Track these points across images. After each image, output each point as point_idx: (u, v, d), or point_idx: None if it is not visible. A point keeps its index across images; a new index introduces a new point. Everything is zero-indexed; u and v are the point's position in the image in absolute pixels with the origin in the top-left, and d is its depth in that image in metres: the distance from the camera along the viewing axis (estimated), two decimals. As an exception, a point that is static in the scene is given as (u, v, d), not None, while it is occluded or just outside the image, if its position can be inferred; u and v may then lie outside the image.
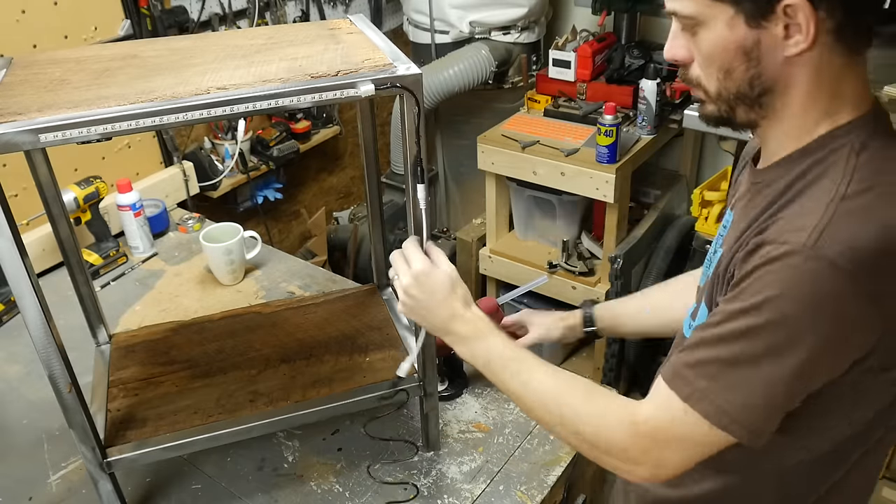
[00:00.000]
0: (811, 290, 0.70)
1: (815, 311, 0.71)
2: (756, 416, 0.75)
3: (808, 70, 0.74)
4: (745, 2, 0.72)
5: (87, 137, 0.83)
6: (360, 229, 2.87)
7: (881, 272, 0.70)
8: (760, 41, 0.74)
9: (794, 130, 0.78)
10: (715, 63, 0.77)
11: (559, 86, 2.40)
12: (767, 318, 0.72)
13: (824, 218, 0.70)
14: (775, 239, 0.73)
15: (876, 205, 0.71)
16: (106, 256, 1.76)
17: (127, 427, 1.11)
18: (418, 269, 0.94)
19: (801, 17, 0.71)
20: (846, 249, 0.69)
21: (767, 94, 0.77)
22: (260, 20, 2.50)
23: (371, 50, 0.99)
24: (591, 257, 2.37)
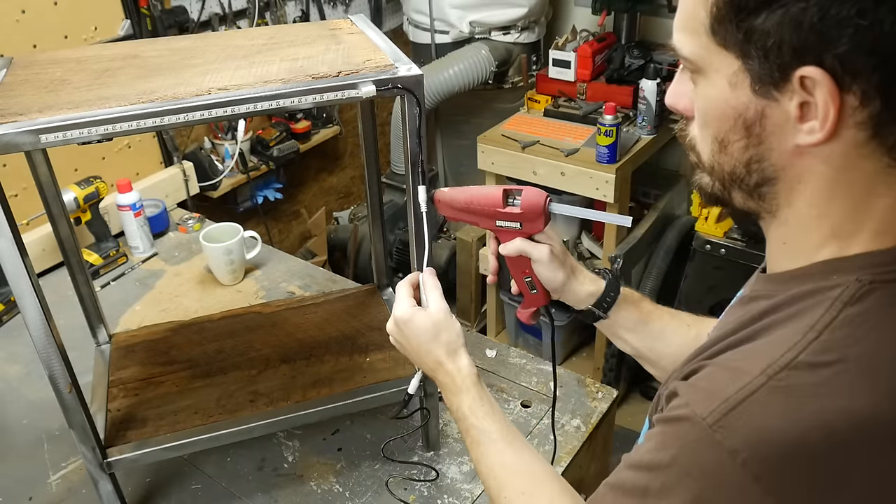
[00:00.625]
0: (700, 475, 0.56)
1: (708, 492, 0.56)
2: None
3: (824, 169, 0.56)
4: (752, 56, 0.55)
5: (88, 138, 0.83)
6: (360, 229, 2.87)
7: (795, 474, 0.53)
8: (766, 115, 0.57)
9: (793, 243, 0.62)
10: (710, 128, 0.62)
11: (559, 86, 2.40)
12: (661, 484, 0.59)
13: (744, 390, 0.54)
14: (685, 394, 0.59)
15: (813, 390, 0.53)
16: (106, 256, 1.76)
17: (127, 427, 1.11)
18: (399, 315, 0.91)
19: (820, 96, 0.53)
20: (753, 443, 0.53)
21: (768, 184, 0.60)
22: (260, 20, 2.50)
23: (372, 50, 0.99)
24: (591, 257, 2.37)
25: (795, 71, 0.53)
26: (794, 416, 0.53)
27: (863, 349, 0.54)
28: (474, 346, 1.46)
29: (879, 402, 0.53)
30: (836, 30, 0.50)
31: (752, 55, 0.55)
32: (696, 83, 0.62)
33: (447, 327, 0.89)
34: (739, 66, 0.57)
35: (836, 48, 0.51)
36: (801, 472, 0.53)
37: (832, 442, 0.52)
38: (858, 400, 0.53)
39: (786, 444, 0.53)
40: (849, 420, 0.52)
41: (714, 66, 0.59)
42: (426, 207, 0.97)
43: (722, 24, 0.56)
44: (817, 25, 0.51)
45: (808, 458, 0.53)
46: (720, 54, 0.58)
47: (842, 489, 0.53)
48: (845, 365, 0.54)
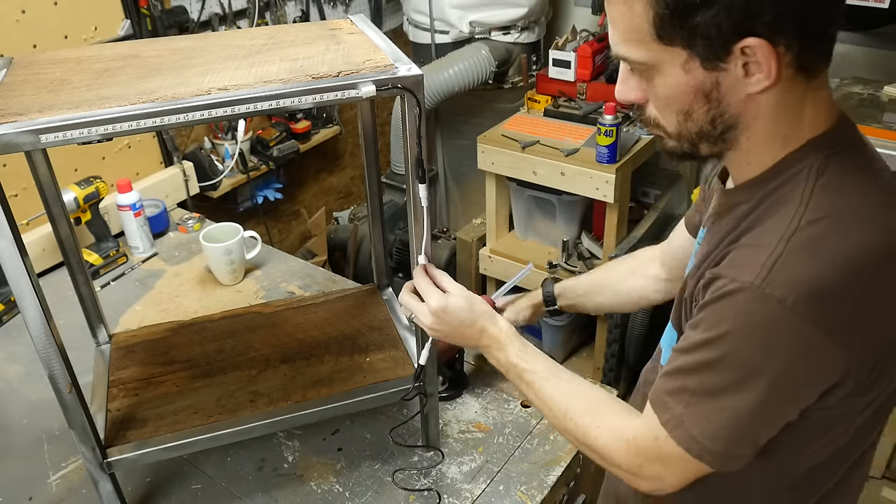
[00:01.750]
0: (761, 330, 0.70)
1: (767, 349, 0.71)
2: (727, 445, 0.75)
3: (770, 103, 0.72)
4: (698, 45, 0.69)
5: (88, 138, 0.83)
6: (360, 229, 2.87)
7: (832, 307, 0.68)
8: (719, 82, 0.71)
9: (757, 157, 0.77)
10: (673, 106, 0.75)
11: (559, 86, 2.40)
12: (722, 353, 0.73)
13: (773, 255, 0.69)
14: (727, 274, 0.73)
15: (827, 237, 0.70)
16: (106, 256, 1.76)
17: (127, 427, 1.11)
18: (435, 307, 0.99)
19: (761, 56, 0.68)
20: (793, 289, 0.68)
21: (730, 130, 0.75)
22: (260, 20, 2.50)
23: (372, 50, 0.99)
24: (591, 257, 2.37)
25: (736, 45, 0.68)
26: (818, 259, 0.68)
27: (845, 201, 0.72)
28: (474, 346, 1.46)
29: (876, 230, 0.70)
30: (759, 5, 0.66)
31: (698, 44, 0.69)
32: (649, 78, 0.75)
33: (476, 300, 1.01)
34: (687, 54, 0.70)
35: (763, 19, 0.66)
36: (836, 300, 0.68)
37: (854, 267, 0.68)
38: (860, 233, 0.70)
39: (819, 281, 0.68)
40: (859, 249, 0.69)
41: (665, 61, 0.72)
42: (425, 202, 0.98)
43: (666, 29, 0.69)
44: (744, 7, 0.66)
45: (837, 288, 0.68)
46: (669, 52, 0.71)
47: (871, 313, 0.70)
48: (838, 213, 0.70)
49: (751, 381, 0.72)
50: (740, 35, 0.67)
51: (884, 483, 2.05)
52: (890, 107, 1.88)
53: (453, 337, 1.01)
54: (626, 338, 2.34)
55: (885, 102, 1.91)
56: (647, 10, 0.69)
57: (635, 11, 0.70)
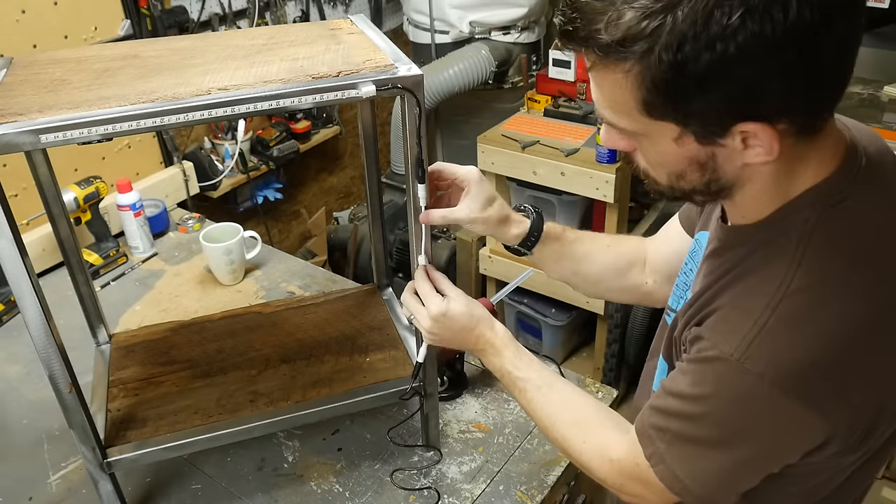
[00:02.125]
0: (740, 401, 0.70)
1: (746, 419, 0.71)
2: (709, 489, 0.76)
3: (769, 168, 0.69)
4: (692, 124, 0.64)
5: (88, 138, 0.83)
6: (360, 229, 2.87)
7: (812, 381, 0.67)
8: (715, 155, 0.67)
9: (752, 210, 0.74)
10: (665, 168, 0.71)
11: (559, 86, 2.40)
12: (703, 412, 0.73)
13: (756, 326, 0.67)
14: (710, 338, 0.72)
15: (812, 309, 0.67)
16: (106, 256, 1.76)
17: (127, 427, 1.11)
18: (436, 312, 0.98)
19: (762, 137, 0.63)
20: (772, 365, 0.67)
21: (725, 189, 0.71)
22: (260, 20, 2.50)
23: (372, 50, 0.99)
24: (591, 257, 2.37)
25: (735, 127, 0.63)
26: (801, 334, 0.66)
27: (837, 265, 0.68)
28: (474, 346, 1.46)
29: (868, 301, 0.67)
30: (759, 92, 0.60)
31: (691, 123, 0.64)
32: (637, 141, 0.71)
33: (475, 304, 1.00)
34: (680, 130, 0.65)
35: (765, 106, 0.61)
36: (817, 377, 0.66)
37: (841, 345, 0.66)
38: (850, 304, 0.66)
39: (800, 358, 0.66)
40: (847, 323, 0.66)
41: (656, 132, 0.67)
42: (425, 202, 0.98)
43: (656, 109, 0.64)
44: (742, 95, 0.60)
45: (819, 363, 0.66)
46: (659, 125, 0.66)
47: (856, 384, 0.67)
48: (829, 280, 0.67)
49: (731, 442, 0.73)
50: (739, 119, 0.62)
51: (884, 483, 2.05)
52: (890, 107, 1.88)
53: (452, 342, 1.01)
54: (626, 338, 2.34)
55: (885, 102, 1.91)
56: (634, 90, 0.63)
57: (622, 89, 0.64)
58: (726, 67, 0.58)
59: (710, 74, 0.59)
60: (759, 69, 0.59)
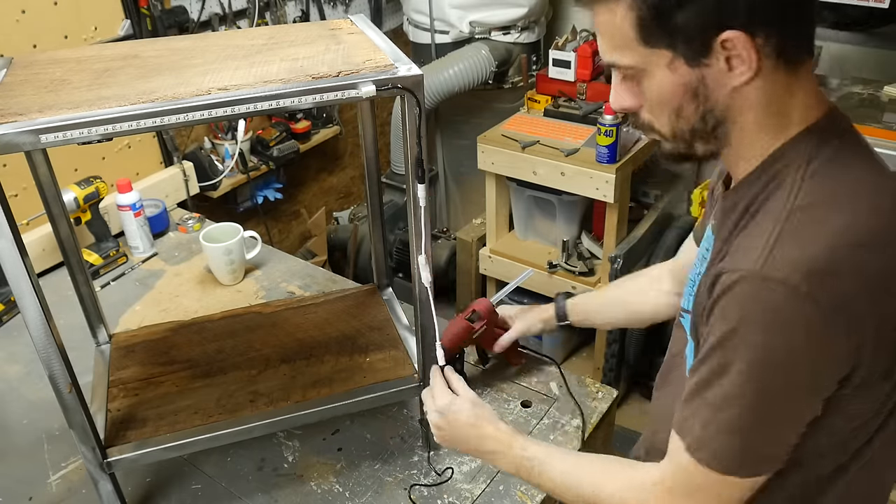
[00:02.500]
0: (770, 313, 0.70)
1: (778, 332, 0.70)
2: (754, 448, 0.75)
3: (756, 94, 0.74)
4: (680, 44, 0.72)
5: (88, 138, 0.83)
6: (360, 229, 2.87)
7: (835, 283, 0.69)
8: (705, 78, 0.73)
9: (750, 152, 0.78)
10: (665, 107, 0.77)
11: (559, 86, 2.40)
12: (735, 350, 0.72)
13: (771, 238, 0.71)
14: (730, 267, 0.73)
15: (822, 217, 0.71)
16: (106, 256, 1.76)
17: (127, 427, 1.11)
18: (441, 405, 1.03)
19: (741, 48, 0.70)
20: (795, 268, 0.69)
21: (721, 125, 0.76)
22: (260, 20, 2.50)
23: (372, 50, 0.99)
24: (591, 257, 2.37)
25: (716, 40, 0.70)
26: (815, 239, 0.70)
27: (839, 177, 0.74)
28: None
29: (869, 206, 0.72)
30: (733, 1, 0.69)
31: (680, 43, 0.72)
32: (639, 81, 0.77)
33: (480, 403, 1.04)
34: (671, 54, 0.73)
35: (739, 13, 0.69)
36: (838, 277, 0.69)
37: (853, 244, 0.70)
38: (850, 207, 0.71)
39: (819, 260, 0.69)
40: (853, 224, 0.70)
41: (653, 63, 0.75)
42: (425, 202, 0.98)
43: (649, 31, 0.72)
44: (719, 3, 0.69)
45: (837, 264, 0.69)
46: (654, 54, 0.74)
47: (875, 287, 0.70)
48: (828, 193, 0.72)
49: (767, 371, 0.71)
50: (718, 30, 0.70)
51: None
52: (890, 107, 1.88)
53: (457, 439, 1.03)
54: (626, 338, 2.34)
55: (885, 102, 1.90)
56: (628, 15, 0.72)
57: (618, 17, 0.73)
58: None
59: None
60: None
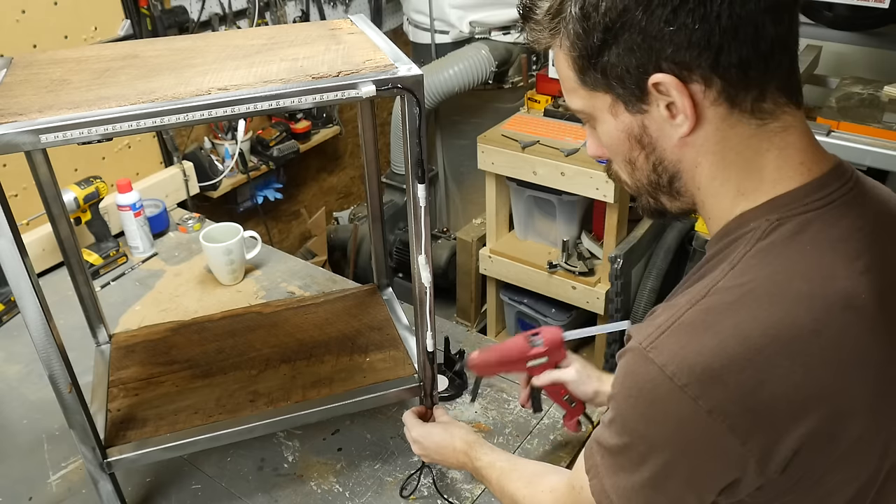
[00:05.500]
0: (641, 397, 0.65)
1: (648, 421, 0.66)
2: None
3: (707, 145, 0.67)
4: (615, 86, 0.67)
5: (88, 138, 0.83)
6: (360, 229, 2.87)
7: (715, 384, 0.61)
8: (646, 125, 0.69)
9: (714, 213, 0.71)
10: (618, 155, 0.74)
11: (559, 86, 2.39)
12: (614, 416, 0.69)
13: (673, 317, 0.65)
14: (634, 333, 0.68)
15: (736, 306, 0.63)
16: (106, 256, 1.76)
17: (127, 427, 1.11)
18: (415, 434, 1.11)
19: (675, 94, 0.64)
20: (675, 358, 0.62)
21: (676, 179, 0.71)
22: (260, 20, 2.50)
23: (372, 50, 0.99)
24: (591, 257, 2.37)
25: (647, 82, 0.65)
26: (713, 331, 0.62)
27: (772, 269, 0.64)
28: (474, 346, 1.46)
29: (789, 308, 0.62)
30: (658, 42, 0.63)
31: (614, 85, 0.67)
32: (595, 128, 0.74)
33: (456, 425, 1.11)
34: (611, 98, 0.69)
35: (665, 54, 0.63)
36: (723, 379, 0.61)
37: (748, 347, 0.61)
38: (769, 309, 0.62)
39: (707, 355, 0.61)
40: (761, 328, 0.61)
41: (597, 108, 0.71)
42: (425, 202, 0.98)
43: (585, 73, 0.69)
44: (644, 44, 0.63)
45: (727, 364, 0.61)
46: (595, 97, 0.70)
47: (763, 392, 0.61)
48: (756, 283, 0.63)
49: (642, 453, 0.67)
50: (647, 73, 0.64)
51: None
52: (890, 107, 1.87)
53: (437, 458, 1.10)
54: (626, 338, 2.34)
55: (885, 102, 1.90)
56: (567, 57, 0.70)
57: (560, 59, 0.72)
58: (620, 14, 0.63)
59: (608, 24, 0.64)
60: (649, 16, 0.62)
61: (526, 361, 1.09)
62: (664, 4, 0.61)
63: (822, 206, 0.66)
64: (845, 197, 0.67)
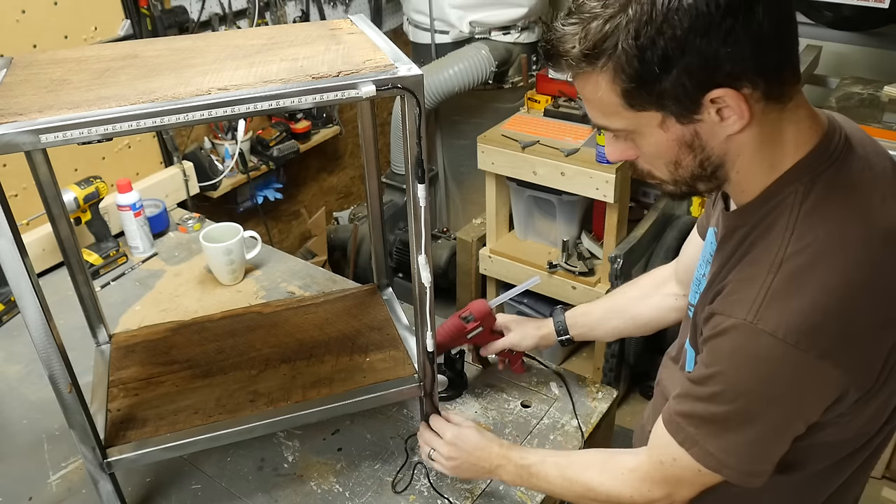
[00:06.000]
0: (757, 362, 0.75)
1: (765, 380, 0.75)
2: (745, 462, 0.80)
3: (750, 136, 0.75)
4: (668, 105, 0.72)
5: (88, 138, 0.83)
6: (360, 229, 2.87)
7: (822, 333, 0.72)
8: (698, 132, 0.75)
9: (748, 186, 0.80)
10: (661, 159, 0.79)
11: (559, 86, 2.40)
12: (723, 388, 0.78)
13: (762, 289, 0.74)
14: (722, 310, 0.77)
15: (811, 267, 0.73)
16: (106, 256, 1.76)
17: (127, 427, 1.11)
18: (451, 436, 1.10)
19: (731, 101, 0.71)
20: (783, 321, 0.72)
21: (720, 168, 0.78)
22: (260, 20, 2.50)
23: (372, 50, 0.99)
24: (591, 257, 2.37)
25: (704, 98, 0.71)
26: (804, 290, 0.72)
27: (825, 228, 0.74)
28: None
29: (851, 255, 0.73)
30: (715, 61, 0.69)
31: (668, 105, 0.72)
32: (633, 140, 0.79)
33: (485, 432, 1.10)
34: (661, 115, 0.74)
35: (723, 71, 0.69)
36: (825, 327, 0.71)
37: (834, 297, 0.71)
38: (837, 260, 0.72)
39: (807, 312, 0.71)
40: (838, 277, 0.72)
41: (643, 124, 0.76)
42: (425, 202, 0.97)
43: (635, 98, 0.73)
44: (702, 65, 0.69)
45: (826, 315, 0.71)
46: (644, 116, 0.74)
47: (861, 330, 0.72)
48: (818, 242, 0.73)
49: (754, 411, 0.77)
50: (705, 90, 0.70)
51: (884, 483, 2.05)
52: (890, 107, 1.88)
53: (467, 464, 1.08)
54: (626, 338, 2.34)
55: (885, 102, 1.90)
56: (613, 86, 0.73)
57: (603, 89, 0.74)
58: (680, 44, 0.68)
59: (668, 53, 0.68)
60: (707, 41, 0.67)
61: (466, 335, 1.29)
62: (718, 26, 0.67)
63: (836, 159, 0.77)
64: (846, 145, 0.78)
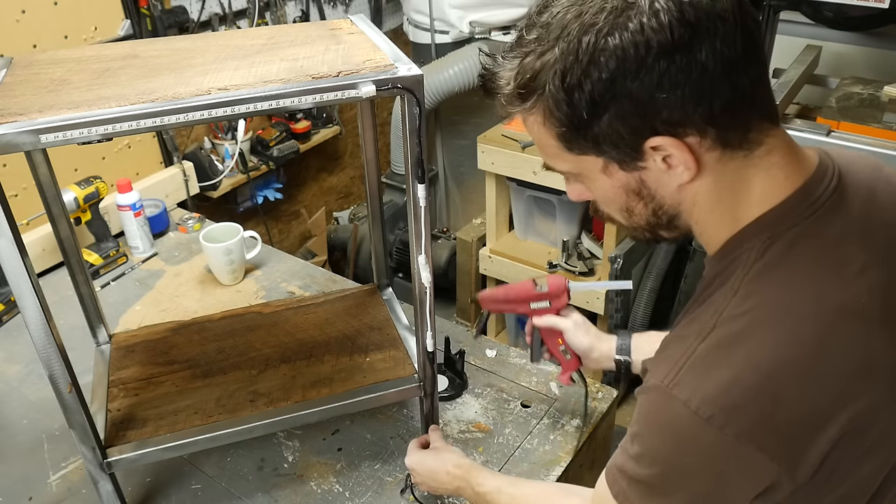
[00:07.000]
0: (669, 432, 0.68)
1: (678, 453, 0.68)
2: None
3: (705, 186, 0.68)
4: (608, 151, 0.67)
5: (88, 138, 0.82)
6: (360, 229, 2.87)
7: (741, 413, 0.63)
8: (643, 179, 0.69)
9: (710, 239, 0.74)
10: (613, 205, 0.74)
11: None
12: (643, 451, 0.71)
13: (687, 352, 0.67)
14: (650, 366, 0.72)
15: (745, 335, 0.65)
16: (106, 256, 1.76)
17: (127, 427, 1.11)
18: (409, 463, 1.11)
19: (672, 150, 0.65)
20: (699, 392, 0.65)
21: (676, 218, 0.73)
22: (260, 20, 2.50)
23: (372, 50, 0.99)
24: (591, 257, 2.37)
25: (643, 145, 0.65)
26: (727, 363, 0.64)
27: (770, 293, 0.66)
28: (474, 347, 1.46)
29: (791, 329, 0.64)
30: (651, 107, 0.62)
31: (607, 150, 0.67)
32: (582, 182, 0.74)
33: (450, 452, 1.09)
34: (603, 160, 0.69)
35: (660, 118, 0.63)
36: (744, 407, 0.63)
37: (761, 374, 0.63)
38: (773, 333, 0.64)
39: (726, 387, 0.63)
40: (770, 353, 0.63)
41: (586, 168, 0.71)
42: (425, 202, 0.97)
43: (571, 142, 0.68)
44: (636, 111, 0.63)
45: (744, 393, 0.63)
46: (585, 160, 0.70)
47: (783, 413, 0.63)
48: (758, 309, 0.65)
49: (672, 481, 0.70)
50: (643, 137, 0.65)
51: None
52: (890, 107, 1.87)
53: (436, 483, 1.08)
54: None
55: (885, 102, 1.90)
56: (546, 128, 0.69)
57: (536, 131, 0.70)
58: (608, 88, 0.62)
59: (594, 98, 0.63)
60: (640, 85, 0.62)
61: (529, 302, 1.13)
62: (651, 69, 0.61)
63: (809, 214, 0.68)
64: (831, 198, 0.69)
